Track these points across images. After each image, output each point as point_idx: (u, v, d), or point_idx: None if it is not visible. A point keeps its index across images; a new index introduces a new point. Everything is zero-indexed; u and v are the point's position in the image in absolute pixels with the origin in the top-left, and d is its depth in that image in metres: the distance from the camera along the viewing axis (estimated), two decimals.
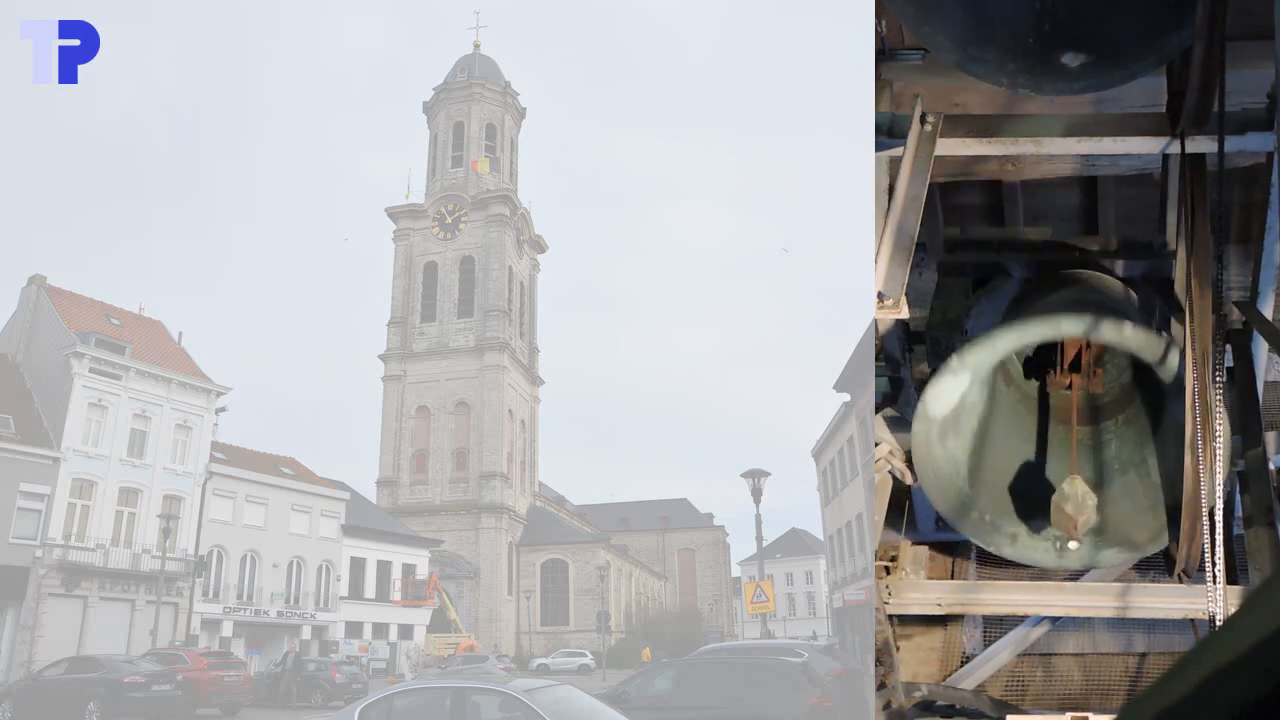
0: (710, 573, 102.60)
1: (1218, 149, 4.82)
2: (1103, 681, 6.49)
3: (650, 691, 13.16)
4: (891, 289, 4.77)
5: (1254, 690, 0.66)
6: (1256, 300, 5.27)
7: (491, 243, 76.62)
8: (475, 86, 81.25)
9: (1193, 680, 0.69)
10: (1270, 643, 0.65)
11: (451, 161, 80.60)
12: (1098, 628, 6.48)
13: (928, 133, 5.25)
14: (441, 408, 73.52)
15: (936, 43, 4.82)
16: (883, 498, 5.60)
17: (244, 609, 43.02)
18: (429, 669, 46.51)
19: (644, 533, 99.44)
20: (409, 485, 72.14)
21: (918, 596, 6.08)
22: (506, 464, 72.80)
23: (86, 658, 26.11)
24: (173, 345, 44.99)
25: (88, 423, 37.58)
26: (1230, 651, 0.67)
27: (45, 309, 40.05)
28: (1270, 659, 0.65)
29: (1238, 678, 0.66)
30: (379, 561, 52.83)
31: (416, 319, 76.83)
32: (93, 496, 37.34)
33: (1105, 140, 5.36)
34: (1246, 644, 0.66)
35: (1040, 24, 4.21)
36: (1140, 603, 5.82)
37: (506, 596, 69.75)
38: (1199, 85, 4.78)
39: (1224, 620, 2.41)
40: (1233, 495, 5.52)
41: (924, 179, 5.14)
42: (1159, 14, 4.42)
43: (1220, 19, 4.39)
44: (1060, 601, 5.99)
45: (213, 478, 42.07)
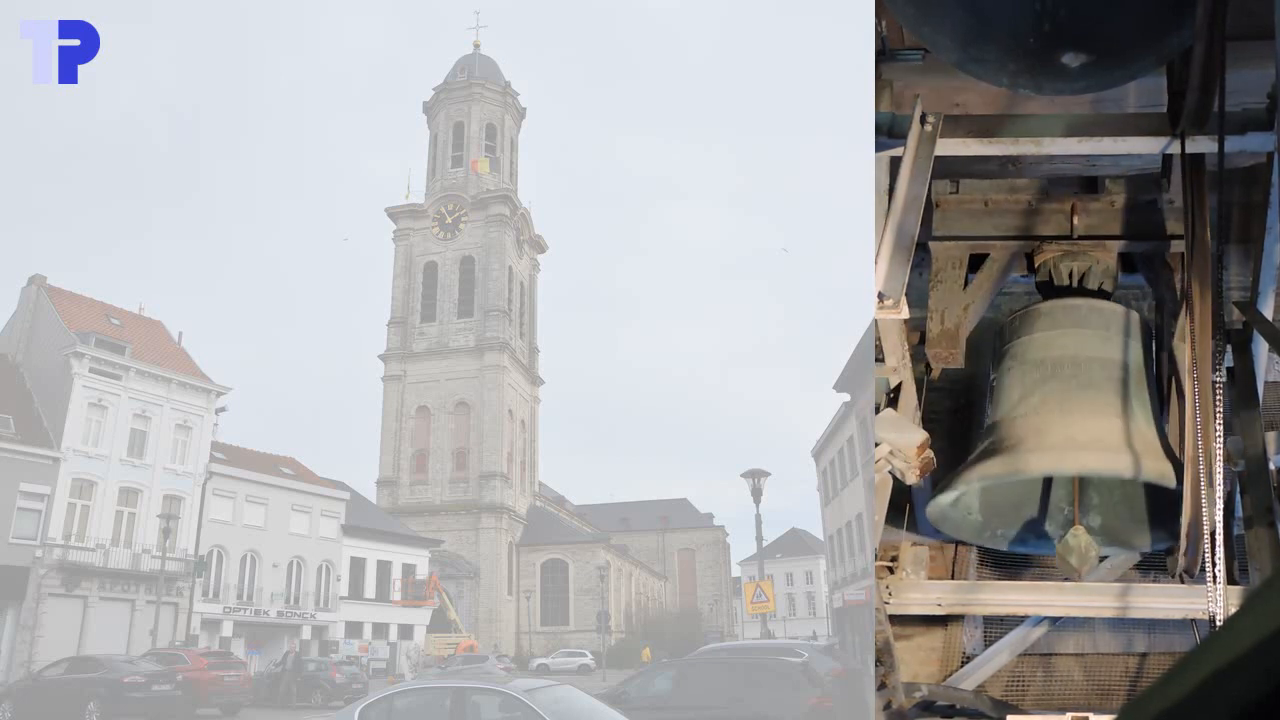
0: (710, 573, 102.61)
1: (1218, 149, 4.82)
2: (1103, 682, 6.49)
3: (650, 691, 13.17)
4: (891, 289, 4.77)
5: (1254, 690, 0.66)
6: (1256, 300, 5.26)
7: (491, 243, 76.63)
8: (475, 86, 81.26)
9: (1193, 680, 0.69)
10: (1270, 643, 0.65)
11: (451, 161, 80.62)
12: (1098, 628, 6.48)
13: (928, 133, 5.25)
14: (441, 408, 73.54)
15: (936, 43, 4.82)
16: (883, 498, 5.59)
17: (244, 609, 43.03)
18: (429, 669, 46.53)
19: (644, 533, 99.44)
20: (409, 485, 72.15)
21: (918, 596, 6.08)
22: (506, 464, 72.81)
23: (86, 658, 26.13)
24: (173, 345, 45.00)
25: (88, 423, 37.59)
26: (1230, 651, 0.67)
27: (45, 309, 40.07)
28: (1270, 659, 0.65)
29: (1238, 678, 0.66)
30: (379, 561, 52.84)
31: (416, 319, 76.84)
32: (93, 496, 37.35)
33: (1105, 140, 5.36)
34: (1246, 644, 0.66)
35: (1040, 24, 4.21)
36: (1140, 603, 5.83)
37: (506, 596, 69.76)
38: (1199, 85, 4.78)
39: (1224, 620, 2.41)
40: (1233, 495, 5.52)
41: (924, 179, 5.13)
42: (1159, 14, 4.42)
43: (1220, 19, 4.39)
44: (1060, 601, 5.99)
45: (213, 478, 42.09)
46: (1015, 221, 5.96)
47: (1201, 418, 5.00)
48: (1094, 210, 5.94)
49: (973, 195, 6.00)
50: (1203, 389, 4.99)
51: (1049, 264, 5.89)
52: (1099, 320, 5.73)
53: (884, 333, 5.18)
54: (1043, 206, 5.96)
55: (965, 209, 5.97)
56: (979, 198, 5.99)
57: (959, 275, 5.87)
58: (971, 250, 5.93)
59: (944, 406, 6.46)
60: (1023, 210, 5.98)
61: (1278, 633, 0.65)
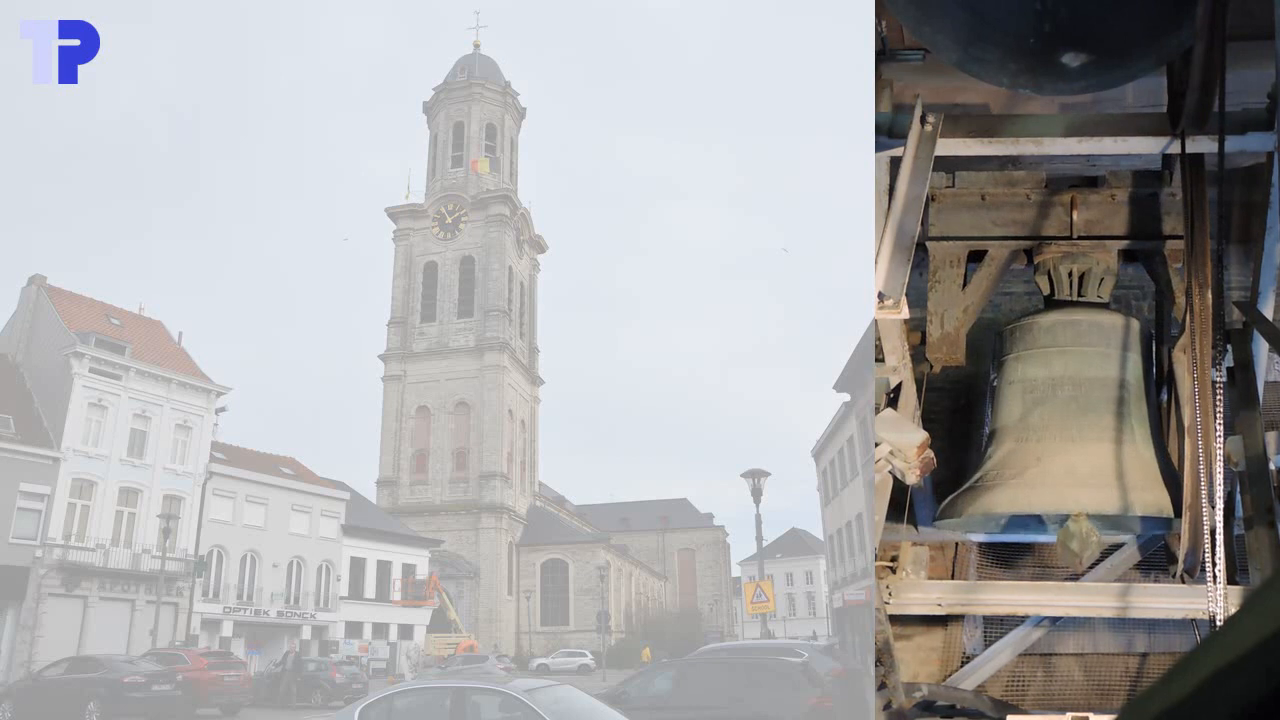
0: (710, 573, 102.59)
1: (1218, 149, 4.82)
2: (1103, 681, 6.49)
3: (650, 691, 13.16)
4: (891, 289, 4.77)
5: (1254, 690, 0.66)
6: (1256, 300, 5.27)
7: (491, 243, 76.62)
8: (475, 86, 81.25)
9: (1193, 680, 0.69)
10: (1270, 643, 0.65)
11: (451, 161, 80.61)
12: (1098, 628, 6.48)
13: (928, 133, 5.25)
14: (441, 408, 73.53)
15: (936, 43, 4.82)
16: (883, 498, 5.60)
17: (244, 609, 43.02)
18: (429, 669, 46.52)
19: (644, 533, 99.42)
20: (409, 485, 72.14)
21: (918, 596, 6.08)
22: (506, 464, 72.80)
23: (86, 658, 26.11)
24: (173, 345, 44.99)
25: (88, 423, 37.58)
26: (1230, 651, 0.67)
27: (45, 309, 40.05)
28: (1270, 659, 0.65)
29: (1238, 678, 0.66)
30: (379, 561, 52.83)
31: (416, 319, 76.83)
32: (93, 496, 37.34)
33: (1105, 140, 5.36)
34: (1246, 644, 0.66)
35: (1040, 24, 4.21)
36: (1141, 603, 5.82)
37: (506, 596, 69.75)
38: (1199, 85, 4.78)
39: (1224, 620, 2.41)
40: (1233, 495, 5.52)
41: (924, 179, 5.14)
42: (1159, 14, 4.42)
43: (1220, 19, 4.39)
44: (1060, 601, 5.99)
45: (213, 478, 42.08)
46: (1014, 220, 5.96)
47: (1201, 418, 5.00)
48: (1094, 209, 5.94)
49: (970, 189, 5.99)
50: (1203, 389, 5.00)
51: (1049, 265, 5.89)
52: (1099, 336, 5.74)
53: (884, 333, 5.18)
54: (1042, 204, 5.96)
55: (962, 203, 5.97)
56: (975, 191, 5.98)
57: (957, 273, 5.87)
58: (970, 248, 5.93)
59: (944, 406, 6.46)
60: (1021, 208, 5.97)
61: (1278, 633, 0.65)
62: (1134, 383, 5.63)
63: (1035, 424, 5.60)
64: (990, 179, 5.98)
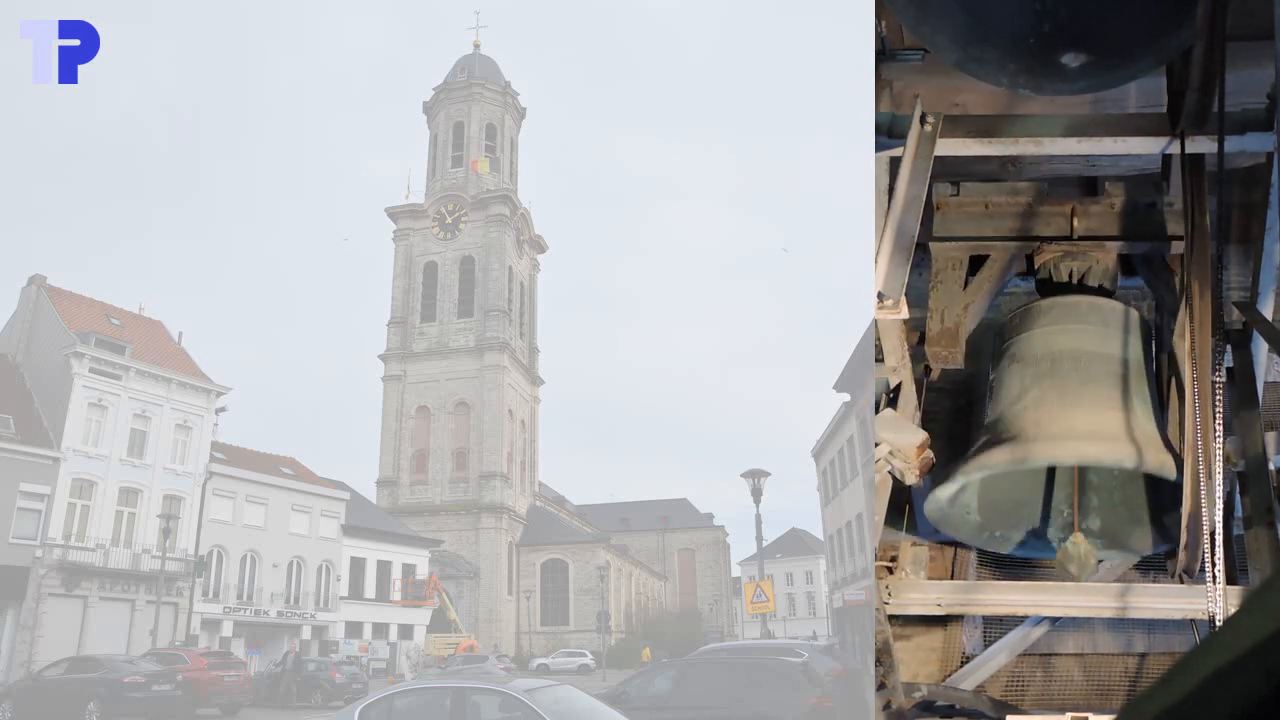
0: (710, 573, 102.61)
1: (1218, 149, 4.82)
2: (1103, 682, 6.49)
3: (650, 691, 13.16)
4: (891, 289, 4.77)
5: (1254, 690, 0.66)
6: (1256, 300, 5.26)
7: (491, 243, 76.63)
8: (475, 86, 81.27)
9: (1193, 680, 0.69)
10: (1270, 643, 0.65)
11: (451, 161, 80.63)
12: (1098, 628, 6.48)
13: (928, 133, 5.25)
14: (441, 408, 73.54)
15: (936, 43, 4.82)
16: (883, 498, 5.59)
17: (244, 609, 43.03)
18: (429, 669, 46.53)
19: (644, 533, 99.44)
20: (409, 485, 72.15)
21: (918, 596, 6.07)
22: (506, 464, 72.81)
23: (86, 658, 26.12)
24: (173, 345, 45.00)
25: (88, 423, 37.59)
26: (1230, 652, 0.67)
27: (45, 309, 40.06)
28: (1270, 659, 0.65)
29: (1238, 678, 0.66)
30: (379, 561, 52.85)
31: (416, 319, 76.85)
32: (93, 496, 37.34)
33: (1105, 140, 5.35)
34: (1246, 644, 0.66)
35: (1040, 24, 4.21)
36: (1140, 603, 5.82)
37: (506, 596, 69.76)
38: (1199, 85, 4.77)
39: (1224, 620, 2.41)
40: (1233, 495, 5.52)
41: (924, 179, 5.14)
42: (1159, 14, 4.41)
43: (1220, 19, 4.38)
44: (1060, 601, 5.98)
45: (213, 478, 42.09)
46: (1015, 222, 5.96)
47: (1201, 418, 5.00)
48: (1094, 211, 5.94)
49: (973, 198, 6.00)
50: (1203, 389, 4.99)
51: (1049, 264, 5.89)
52: (1099, 317, 5.73)
53: (884, 333, 5.18)
54: (1042, 208, 5.96)
55: (966, 211, 5.98)
56: (979, 200, 5.99)
57: (959, 276, 5.87)
58: (971, 251, 5.93)
59: (944, 406, 6.46)
60: (1022, 211, 5.98)
61: (1278, 633, 0.65)
62: (1134, 362, 5.61)
63: (1035, 397, 5.57)
64: (994, 189, 5.98)
